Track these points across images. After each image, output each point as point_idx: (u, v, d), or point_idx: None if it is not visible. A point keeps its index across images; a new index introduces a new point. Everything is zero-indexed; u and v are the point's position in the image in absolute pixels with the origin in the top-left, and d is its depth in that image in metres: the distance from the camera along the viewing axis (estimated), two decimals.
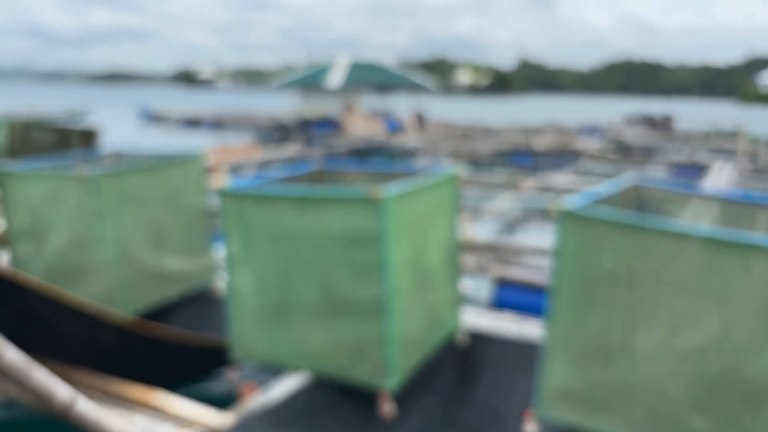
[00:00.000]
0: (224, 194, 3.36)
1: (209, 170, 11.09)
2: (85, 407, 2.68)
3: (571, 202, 2.68)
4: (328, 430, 3.12)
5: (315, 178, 4.21)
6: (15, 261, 4.49)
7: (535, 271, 5.55)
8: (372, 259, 3.04)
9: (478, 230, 9.11)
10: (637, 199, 3.49)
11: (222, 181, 3.47)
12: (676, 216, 3.38)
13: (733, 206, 3.25)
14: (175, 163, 4.64)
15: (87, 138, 9.35)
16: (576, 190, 10.58)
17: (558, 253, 2.66)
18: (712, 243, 2.38)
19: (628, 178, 3.52)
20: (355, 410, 3.29)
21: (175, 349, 3.80)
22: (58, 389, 2.60)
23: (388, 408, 3.23)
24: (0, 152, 8.65)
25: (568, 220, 2.61)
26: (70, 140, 9.30)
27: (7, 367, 2.43)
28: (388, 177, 4.02)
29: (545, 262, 5.83)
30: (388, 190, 3.03)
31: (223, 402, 3.55)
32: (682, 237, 2.43)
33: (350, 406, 3.32)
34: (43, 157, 6.39)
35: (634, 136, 20.93)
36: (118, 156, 5.16)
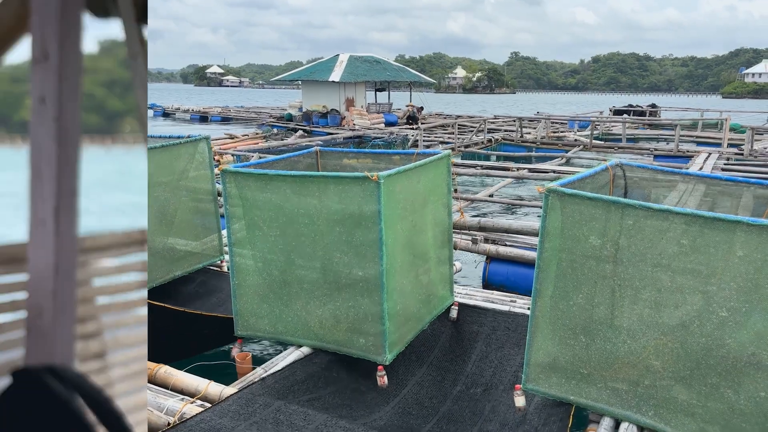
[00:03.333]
0: (227, 174, 3.32)
1: (215, 157, 10.95)
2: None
3: (557, 182, 2.63)
4: (327, 403, 3.09)
5: (315, 160, 4.16)
6: None
7: (525, 249, 5.50)
8: (368, 237, 3.00)
9: (470, 215, 9.06)
10: (624, 182, 3.44)
11: (226, 164, 3.42)
12: (662, 197, 3.33)
13: (717, 187, 3.20)
14: (181, 146, 4.53)
15: None
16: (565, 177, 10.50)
17: (545, 231, 2.61)
18: (696, 220, 2.33)
19: (614, 161, 3.46)
20: (353, 383, 3.26)
21: (181, 324, 3.76)
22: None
23: (384, 381, 3.20)
24: None
25: (554, 197, 2.56)
26: None
27: None
28: (384, 160, 3.98)
29: (535, 242, 5.79)
30: (384, 171, 2.98)
31: (226, 376, 3.52)
32: (667, 215, 2.39)
33: (348, 379, 3.29)
34: None
35: (622, 127, 20.74)
36: None
